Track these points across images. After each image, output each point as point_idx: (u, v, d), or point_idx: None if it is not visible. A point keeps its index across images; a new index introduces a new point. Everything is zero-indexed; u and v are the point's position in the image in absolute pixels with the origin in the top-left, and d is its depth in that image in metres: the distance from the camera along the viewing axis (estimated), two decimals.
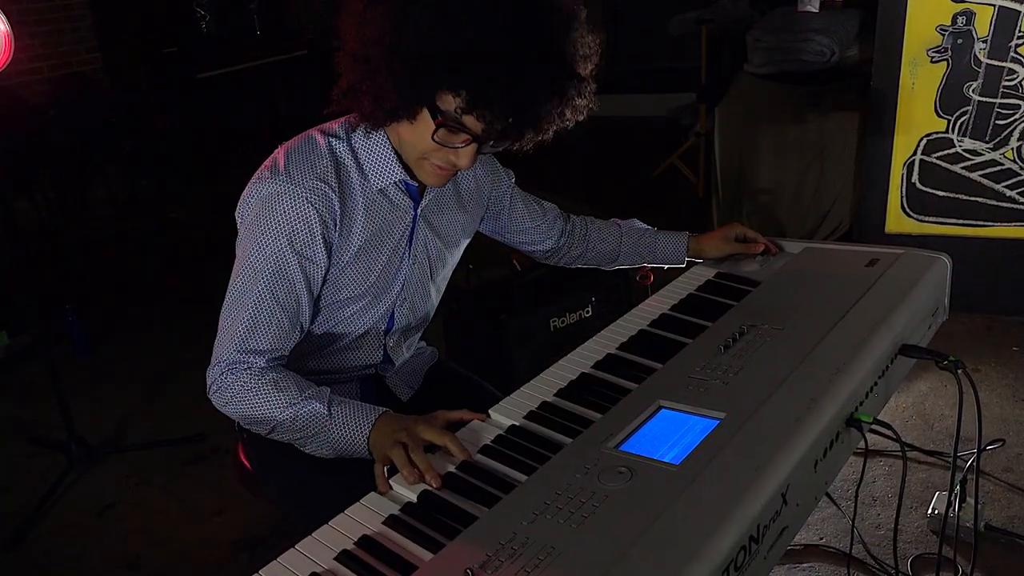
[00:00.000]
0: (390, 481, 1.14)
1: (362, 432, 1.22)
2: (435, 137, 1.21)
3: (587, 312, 2.50)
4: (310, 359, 1.45)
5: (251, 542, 2.28)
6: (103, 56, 5.71)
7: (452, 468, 1.15)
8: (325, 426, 1.23)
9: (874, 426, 1.24)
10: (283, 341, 1.28)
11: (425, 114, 1.20)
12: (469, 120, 1.17)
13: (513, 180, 1.62)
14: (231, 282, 1.29)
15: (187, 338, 3.33)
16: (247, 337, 1.25)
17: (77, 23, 5.55)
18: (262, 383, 1.24)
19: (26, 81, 5.21)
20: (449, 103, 1.17)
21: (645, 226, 1.77)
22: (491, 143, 1.25)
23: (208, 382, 1.28)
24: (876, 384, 1.30)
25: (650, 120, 6.39)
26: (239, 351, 1.25)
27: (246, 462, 1.54)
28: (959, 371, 1.35)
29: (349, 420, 1.23)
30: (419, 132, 1.22)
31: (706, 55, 4.70)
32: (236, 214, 1.33)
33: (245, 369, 1.25)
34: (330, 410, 1.23)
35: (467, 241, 1.58)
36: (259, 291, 1.26)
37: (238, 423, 1.42)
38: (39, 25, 5.30)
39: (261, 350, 1.26)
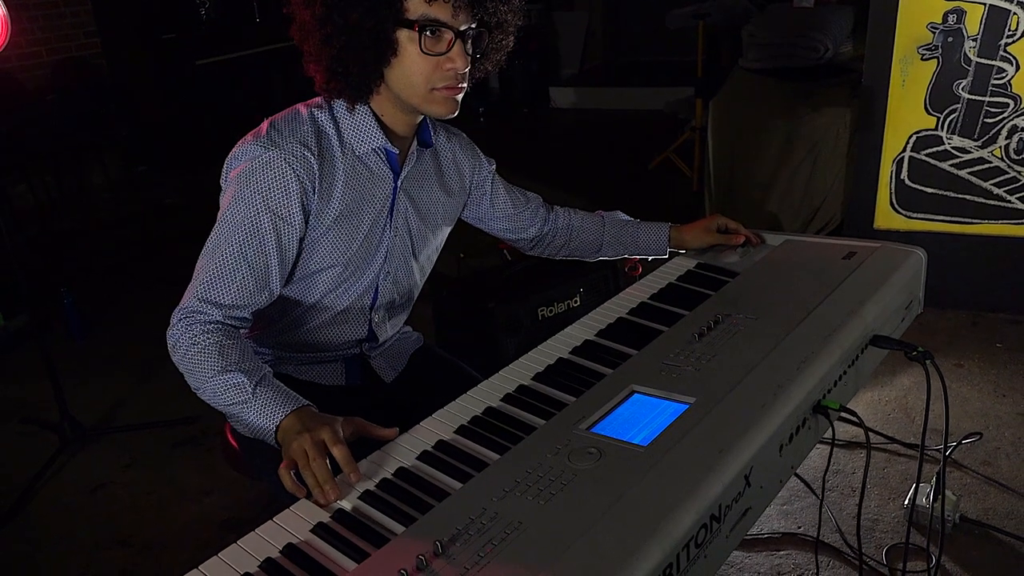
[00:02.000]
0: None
1: (273, 420, 1.21)
2: (423, 47, 1.26)
3: (575, 302, 2.52)
4: (297, 333, 1.49)
5: (239, 521, 2.32)
6: (102, 41, 5.72)
7: (431, 446, 1.19)
8: (246, 402, 1.22)
9: (842, 413, 1.27)
10: (245, 299, 1.30)
11: (403, 38, 1.26)
12: (439, 10, 1.25)
13: (494, 167, 1.65)
14: (209, 235, 1.32)
15: None
16: (208, 288, 1.28)
17: (76, 7, 5.56)
18: (207, 342, 1.25)
19: (25, 65, 5.23)
20: (415, 6, 1.24)
21: (628, 217, 1.80)
22: (471, 45, 1.30)
23: (170, 323, 1.30)
24: (845, 373, 1.33)
25: (647, 113, 6.42)
26: (198, 299, 1.28)
27: (232, 440, 1.57)
28: (927, 362, 1.38)
29: (267, 403, 1.21)
30: (409, 61, 1.28)
31: (703, 49, 4.73)
32: (221, 178, 1.37)
33: (199, 319, 1.27)
34: (255, 389, 1.22)
35: (449, 228, 1.60)
36: (230, 246, 1.29)
37: None
38: (38, 9, 5.31)
39: (220, 303, 1.28)
